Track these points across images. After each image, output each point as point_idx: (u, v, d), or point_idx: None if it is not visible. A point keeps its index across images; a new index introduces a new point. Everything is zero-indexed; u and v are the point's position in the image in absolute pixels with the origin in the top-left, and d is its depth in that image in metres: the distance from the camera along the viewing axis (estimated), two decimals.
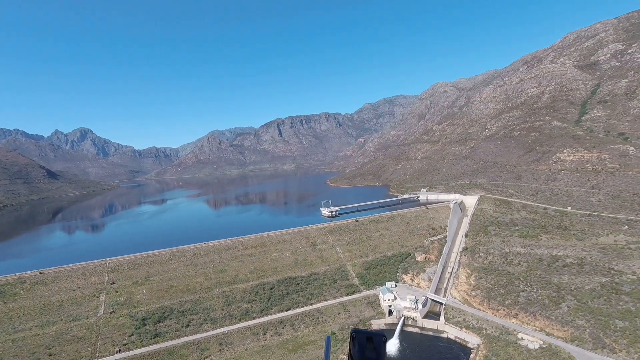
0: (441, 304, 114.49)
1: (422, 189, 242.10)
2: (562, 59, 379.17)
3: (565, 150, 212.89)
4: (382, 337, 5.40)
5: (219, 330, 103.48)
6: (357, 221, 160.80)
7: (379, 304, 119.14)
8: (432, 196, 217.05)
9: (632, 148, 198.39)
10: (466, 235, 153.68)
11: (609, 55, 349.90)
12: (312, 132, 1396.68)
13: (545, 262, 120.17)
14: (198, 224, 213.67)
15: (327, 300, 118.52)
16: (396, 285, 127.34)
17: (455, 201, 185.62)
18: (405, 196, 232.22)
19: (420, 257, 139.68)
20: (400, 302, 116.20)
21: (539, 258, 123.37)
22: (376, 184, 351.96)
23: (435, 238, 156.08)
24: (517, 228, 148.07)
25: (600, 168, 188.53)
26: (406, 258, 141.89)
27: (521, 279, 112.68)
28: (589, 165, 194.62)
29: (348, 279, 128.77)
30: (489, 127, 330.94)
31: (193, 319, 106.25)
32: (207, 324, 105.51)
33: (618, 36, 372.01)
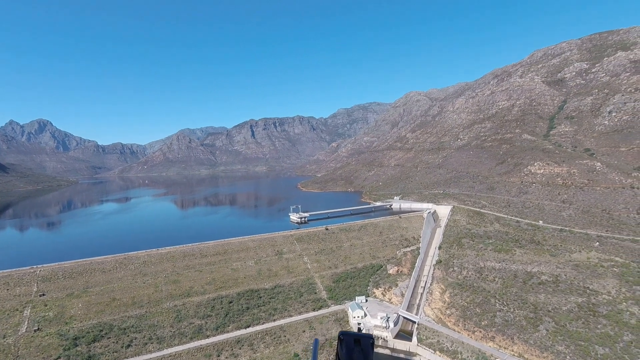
0: (414, 322, 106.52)
1: (395, 197, 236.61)
2: (530, 75, 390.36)
3: (536, 164, 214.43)
4: (369, 339, 5.36)
5: (165, 352, 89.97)
6: (327, 229, 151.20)
7: (348, 321, 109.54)
8: (405, 205, 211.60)
9: (599, 164, 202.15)
10: (439, 247, 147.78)
11: (574, 73, 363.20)
12: (286, 135, 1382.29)
13: (520, 279, 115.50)
14: (156, 227, 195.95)
15: (291, 316, 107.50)
16: (366, 300, 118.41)
17: (428, 211, 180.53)
18: (378, 204, 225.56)
19: (392, 270, 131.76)
20: (370, 320, 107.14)
21: (514, 274, 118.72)
22: (348, 190, 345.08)
23: (408, 249, 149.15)
24: (491, 241, 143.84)
25: (570, 182, 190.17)
26: (378, 270, 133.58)
27: (497, 297, 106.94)
28: (559, 179, 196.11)
29: (315, 293, 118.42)
30: (461, 137, 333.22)
31: (136, 338, 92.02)
32: (152, 343, 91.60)
33: (582, 55, 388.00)
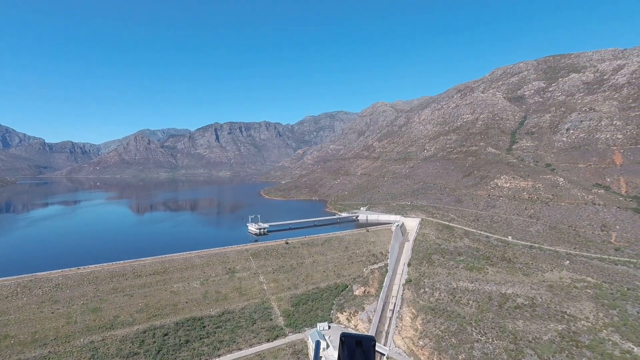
0: (382, 354, 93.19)
1: (361, 208, 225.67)
2: (492, 90, 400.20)
3: (502, 177, 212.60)
4: (371, 340, 5.33)
5: None
6: (287, 243, 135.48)
7: (307, 354, 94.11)
8: (372, 216, 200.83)
9: (561, 179, 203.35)
10: (409, 264, 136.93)
11: (533, 90, 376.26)
12: (251, 140, 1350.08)
13: (495, 302, 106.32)
14: (88, 238, 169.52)
15: (240, 349, 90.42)
16: (329, 327, 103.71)
17: (397, 224, 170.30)
18: (343, 215, 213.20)
19: (358, 291, 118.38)
20: (333, 352, 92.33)
21: (489, 296, 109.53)
22: (312, 198, 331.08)
23: (375, 266, 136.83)
24: (462, 258, 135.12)
25: (535, 197, 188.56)
26: (343, 291, 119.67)
27: (473, 324, 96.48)
28: (525, 193, 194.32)
29: (271, 319, 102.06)
30: (427, 147, 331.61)
31: None
32: None
33: (538, 75, 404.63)
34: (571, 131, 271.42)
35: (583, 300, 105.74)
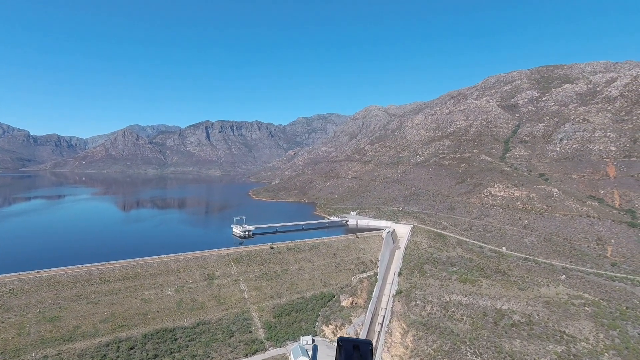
0: None
1: (351, 212, 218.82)
2: (485, 98, 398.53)
3: (496, 185, 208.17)
4: (368, 344, 5.38)
5: None
6: (272, 248, 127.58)
7: None
8: (362, 221, 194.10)
9: (555, 190, 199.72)
10: (399, 274, 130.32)
11: (526, 99, 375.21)
12: (243, 139, 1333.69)
13: (490, 319, 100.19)
14: (60, 237, 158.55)
15: None
16: (314, 342, 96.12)
17: (388, 231, 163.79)
18: (332, 219, 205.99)
19: (346, 302, 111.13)
20: None
21: (483, 312, 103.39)
22: (301, 201, 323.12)
23: (364, 275, 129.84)
24: (455, 269, 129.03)
25: (529, 207, 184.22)
26: (329, 301, 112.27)
27: (468, 342, 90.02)
28: (519, 203, 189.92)
29: (250, 331, 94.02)
30: (420, 153, 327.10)
31: None
32: None
33: (531, 85, 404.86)
34: (565, 141, 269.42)
35: (582, 319, 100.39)
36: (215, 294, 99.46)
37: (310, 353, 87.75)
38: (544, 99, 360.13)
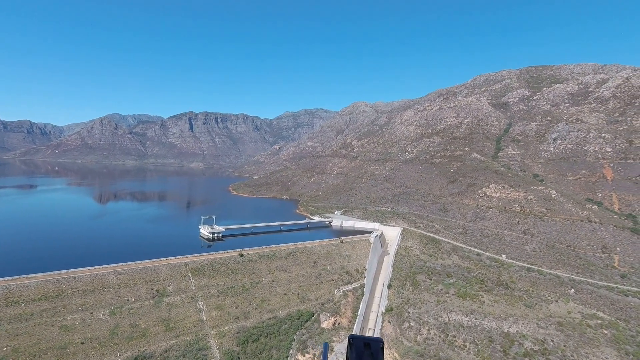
0: None
1: (336, 212, 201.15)
2: (475, 96, 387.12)
3: (491, 186, 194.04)
4: (379, 342, 5.38)
5: None
6: (242, 255, 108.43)
7: None
8: (348, 222, 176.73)
9: (554, 192, 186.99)
10: (389, 286, 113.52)
11: (517, 98, 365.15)
12: (227, 132, 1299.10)
13: (498, 346, 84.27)
14: None
15: None
16: None
17: (376, 235, 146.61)
18: (315, 219, 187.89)
19: (327, 322, 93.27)
20: None
21: (489, 337, 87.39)
22: (283, 197, 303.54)
23: (349, 287, 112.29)
24: (452, 281, 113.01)
25: (528, 210, 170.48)
26: (307, 321, 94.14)
27: None
28: (516, 205, 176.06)
29: None
30: (409, 149, 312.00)
31: None
32: None
33: (520, 84, 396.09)
34: (558, 141, 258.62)
35: (602, 345, 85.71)
36: (164, 317, 79.80)
37: None
38: (535, 98, 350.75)
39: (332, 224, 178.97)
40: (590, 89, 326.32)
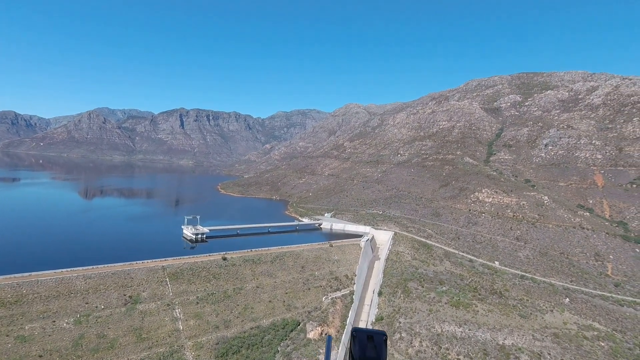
0: None
1: (326, 214, 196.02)
2: (467, 100, 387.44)
3: (483, 190, 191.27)
4: (382, 335, 5.40)
5: None
6: (225, 259, 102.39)
7: None
8: (338, 225, 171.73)
9: (546, 198, 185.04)
10: (380, 293, 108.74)
11: (509, 103, 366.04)
12: (219, 130, 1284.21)
13: (493, 359, 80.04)
14: None
15: None
16: None
17: (366, 238, 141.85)
18: (305, 221, 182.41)
19: (313, 332, 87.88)
20: None
21: (484, 349, 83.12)
22: (273, 197, 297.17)
23: (338, 294, 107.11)
24: (445, 289, 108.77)
25: (521, 216, 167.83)
26: (292, 331, 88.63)
27: None
28: (509, 211, 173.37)
29: None
30: (401, 152, 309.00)
31: None
32: None
33: (512, 90, 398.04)
34: (550, 147, 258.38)
35: (600, 359, 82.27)
36: (136, 326, 73.42)
37: None
38: (526, 103, 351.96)
39: (321, 226, 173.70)
40: (580, 96, 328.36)
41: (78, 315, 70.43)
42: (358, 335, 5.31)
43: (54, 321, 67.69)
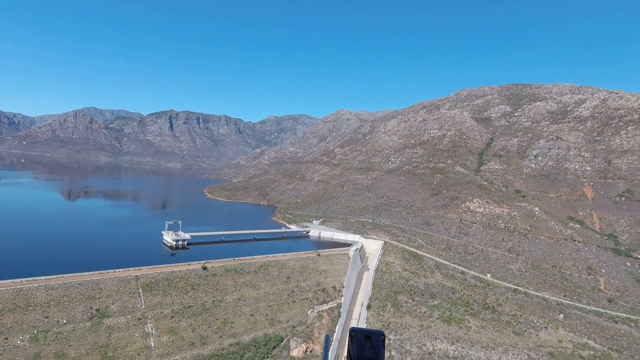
0: None
1: (314, 221, 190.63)
2: (458, 110, 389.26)
3: (475, 200, 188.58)
4: (380, 335, 5.41)
5: None
6: (205, 268, 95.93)
7: None
8: (326, 233, 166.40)
9: (537, 209, 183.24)
10: (369, 307, 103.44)
11: (499, 114, 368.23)
12: (209, 133, 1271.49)
13: None
14: None
15: None
16: None
17: (355, 248, 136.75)
18: (292, 228, 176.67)
19: (298, 349, 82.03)
20: None
21: None
22: (261, 203, 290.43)
23: (325, 307, 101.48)
24: (436, 303, 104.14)
25: (512, 227, 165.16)
26: (275, 348, 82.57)
27: None
28: (500, 221, 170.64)
29: None
30: (392, 159, 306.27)
31: None
32: None
33: (501, 100, 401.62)
34: (539, 158, 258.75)
35: None
36: (102, 343, 66.53)
37: None
38: (516, 114, 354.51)
39: (309, 234, 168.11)
40: (569, 108, 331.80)
41: (35, 331, 63.30)
42: (356, 335, 5.25)
43: (7, 338, 60.40)
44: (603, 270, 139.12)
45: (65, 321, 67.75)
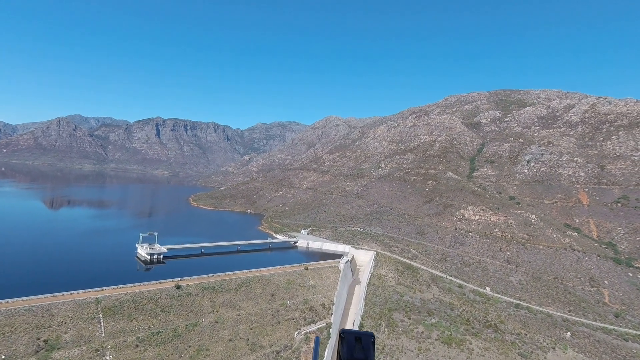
0: None
1: (302, 230, 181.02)
2: (447, 115, 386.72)
3: (469, 208, 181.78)
4: (370, 336, 5.39)
5: None
6: (179, 287, 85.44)
7: None
8: (315, 243, 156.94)
9: (533, 216, 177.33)
10: (361, 327, 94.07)
11: (489, 119, 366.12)
12: (197, 140, 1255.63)
13: None
14: None
15: None
16: None
17: (346, 260, 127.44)
18: (279, 238, 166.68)
19: None
20: None
21: None
22: (247, 211, 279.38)
23: (313, 328, 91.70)
24: (434, 321, 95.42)
25: (509, 236, 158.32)
26: None
27: None
28: (497, 230, 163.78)
29: None
30: (382, 165, 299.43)
31: None
32: None
33: (490, 106, 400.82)
34: (532, 163, 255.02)
35: None
36: None
37: None
38: (506, 119, 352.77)
39: (297, 244, 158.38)
40: (558, 114, 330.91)
41: None
42: (346, 336, 5.22)
43: None
44: (606, 282, 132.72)
45: (3, 356, 56.68)
